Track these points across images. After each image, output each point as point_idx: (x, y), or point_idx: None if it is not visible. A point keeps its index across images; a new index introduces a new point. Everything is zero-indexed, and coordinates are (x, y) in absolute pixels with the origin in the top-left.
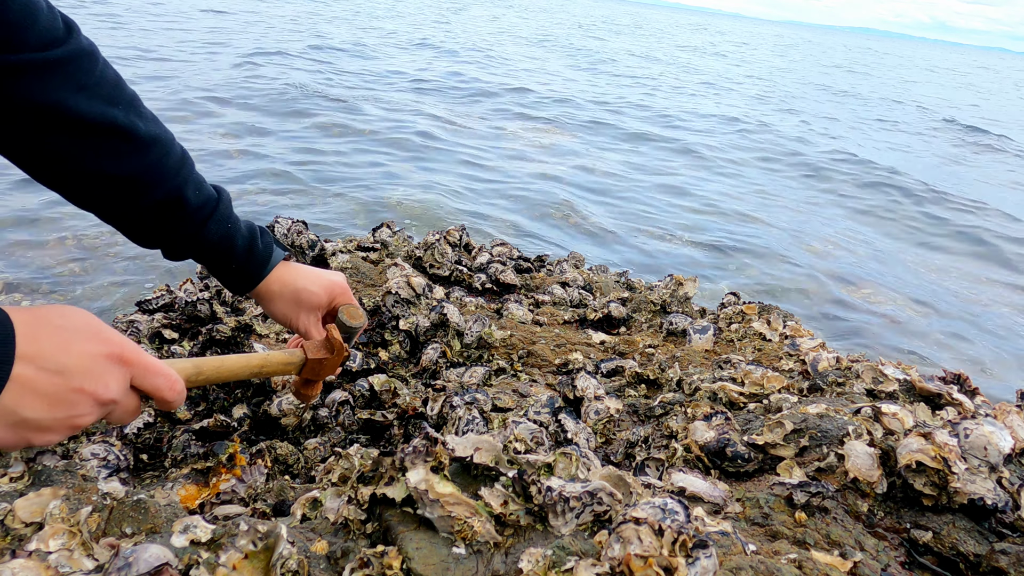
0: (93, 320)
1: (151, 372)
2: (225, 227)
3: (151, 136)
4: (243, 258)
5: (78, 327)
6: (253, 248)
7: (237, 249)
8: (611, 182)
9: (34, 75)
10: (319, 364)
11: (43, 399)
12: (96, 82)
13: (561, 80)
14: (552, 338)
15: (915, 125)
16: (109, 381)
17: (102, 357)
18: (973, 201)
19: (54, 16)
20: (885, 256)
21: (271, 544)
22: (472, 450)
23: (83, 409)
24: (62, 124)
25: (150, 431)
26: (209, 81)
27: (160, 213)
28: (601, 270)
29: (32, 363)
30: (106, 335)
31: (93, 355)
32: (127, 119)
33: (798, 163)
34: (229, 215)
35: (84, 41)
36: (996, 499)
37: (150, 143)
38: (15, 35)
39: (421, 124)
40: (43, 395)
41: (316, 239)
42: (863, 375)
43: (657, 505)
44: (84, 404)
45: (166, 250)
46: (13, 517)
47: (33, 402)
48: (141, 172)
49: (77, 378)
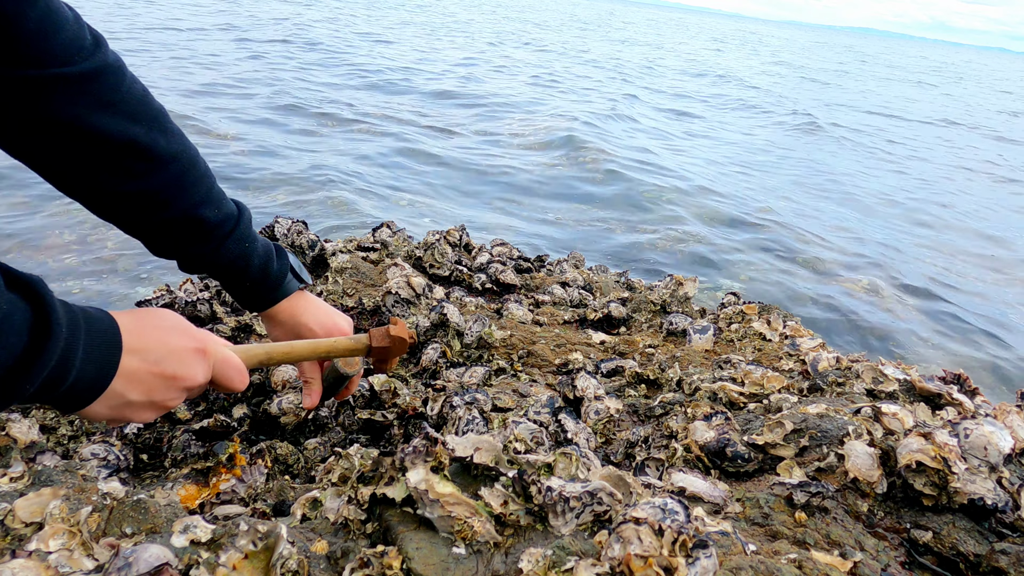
0: (181, 320)
1: (228, 365)
2: (243, 246)
3: (172, 153)
4: (257, 279)
5: (173, 326)
6: (267, 270)
7: (252, 270)
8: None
9: (57, 90)
10: (384, 352)
11: (144, 385)
12: (120, 99)
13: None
14: (552, 338)
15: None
16: (197, 371)
17: (191, 351)
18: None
19: (81, 28)
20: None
21: (271, 544)
22: (472, 450)
23: (174, 394)
24: (82, 140)
25: (150, 431)
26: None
27: (178, 229)
28: (601, 270)
29: (137, 355)
30: (193, 332)
31: (185, 349)
32: (148, 136)
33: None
34: (247, 234)
35: (111, 56)
36: (996, 499)
37: (169, 160)
38: (36, 45)
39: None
40: (144, 382)
41: (316, 239)
42: (863, 375)
43: (657, 505)
44: (175, 390)
45: (182, 263)
46: (13, 517)
47: (137, 387)
48: (159, 189)
49: (172, 367)
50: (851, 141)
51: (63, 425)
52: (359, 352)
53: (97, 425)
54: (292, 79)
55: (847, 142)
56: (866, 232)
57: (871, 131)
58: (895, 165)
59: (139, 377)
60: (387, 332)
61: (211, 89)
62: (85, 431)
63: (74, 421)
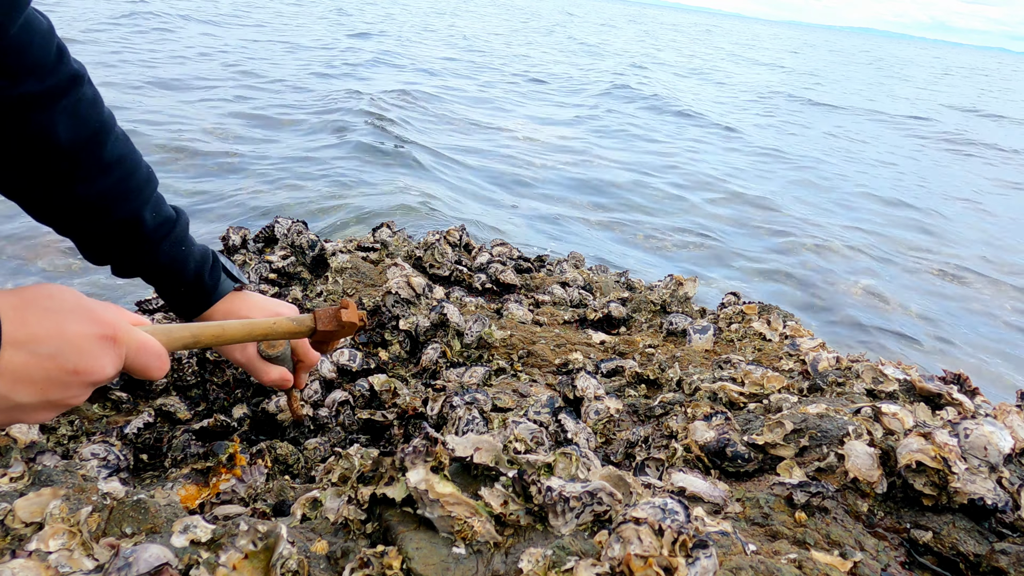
0: (83, 299)
1: (144, 351)
2: (179, 250)
3: (117, 156)
4: (191, 283)
5: (70, 308)
6: (201, 274)
7: (187, 274)
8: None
9: (21, 104)
10: (329, 335)
11: (37, 384)
12: (75, 108)
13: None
14: (552, 338)
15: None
16: (105, 362)
17: (96, 338)
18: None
19: (50, 39)
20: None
21: (271, 544)
22: (472, 450)
23: (77, 391)
24: (34, 147)
25: (150, 431)
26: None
27: (118, 232)
28: (601, 270)
29: (24, 348)
30: (98, 315)
31: (87, 336)
32: (95, 142)
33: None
34: (183, 238)
35: (73, 65)
36: (996, 499)
37: (114, 164)
38: (12, 58)
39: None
40: (37, 380)
41: (316, 239)
42: (863, 375)
43: (657, 505)
44: (77, 387)
45: (115, 267)
46: (13, 517)
47: (27, 388)
48: (105, 192)
49: (72, 361)
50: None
51: (63, 425)
52: (302, 334)
53: (97, 425)
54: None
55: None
56: (866, 231)
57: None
58: (897, 167)
59: (28, 375)
60: (336, 315)
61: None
62: (85, 431)
63: (74, 421)
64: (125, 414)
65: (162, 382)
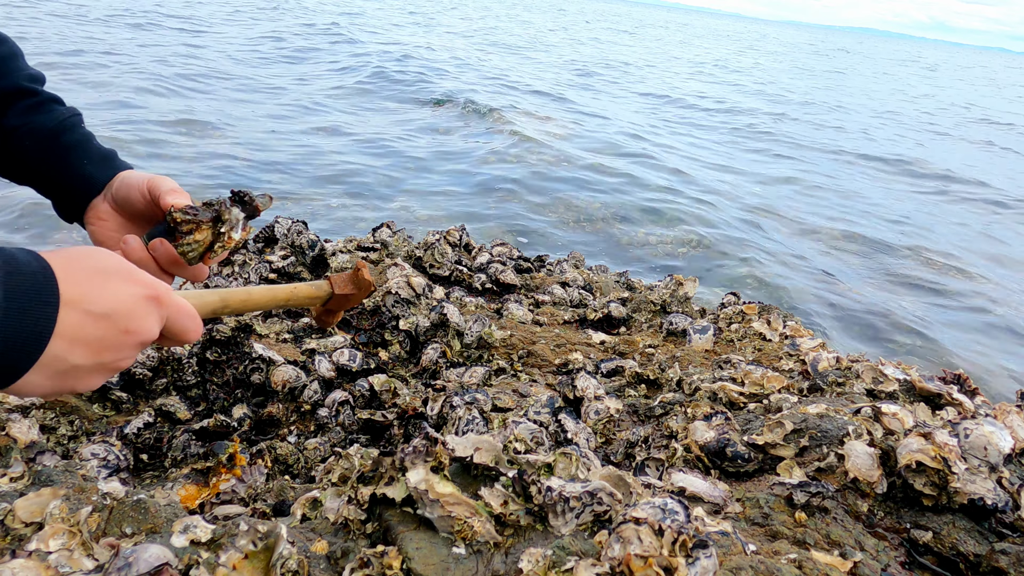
0: (123, 261)
1: (183, 313)
2: (80, 118)
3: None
4: (101, 156)
5: (114, 269)
6: (105, 150)
7: (93, 146)
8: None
9: None
10: (344, 299)
11: (91, 345)
12: None
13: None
14: (552, 338)
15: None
16: (152, 322)
17: (143, 298)
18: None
19: None
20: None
21: (271, 544)
22: (472, 450)
23: (128, 352)
24: None
25: (150, 431)
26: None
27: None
28: (601, 270)
29: (77, 308)
30: (139, 276)
31: (135, 296)
32: None
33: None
34: (77, 113)
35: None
36: (996, 499)
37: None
38: None
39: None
40: (91, 341)
41: (316, 239)
42: (863, 375)
43: (657, 505)
44: (129, 347)
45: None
46: (13, 517)
47: (82, 349)
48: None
49: (123, 321)
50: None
51: (63, 425)
52: (320, 299)
53: (97, 425)
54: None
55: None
56: (862, 230)
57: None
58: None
59: (84, 335)
60: (350, 278)
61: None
62: (85, 431)
63: (74, 421)
64: (125, 414)
65: (162, 382)
